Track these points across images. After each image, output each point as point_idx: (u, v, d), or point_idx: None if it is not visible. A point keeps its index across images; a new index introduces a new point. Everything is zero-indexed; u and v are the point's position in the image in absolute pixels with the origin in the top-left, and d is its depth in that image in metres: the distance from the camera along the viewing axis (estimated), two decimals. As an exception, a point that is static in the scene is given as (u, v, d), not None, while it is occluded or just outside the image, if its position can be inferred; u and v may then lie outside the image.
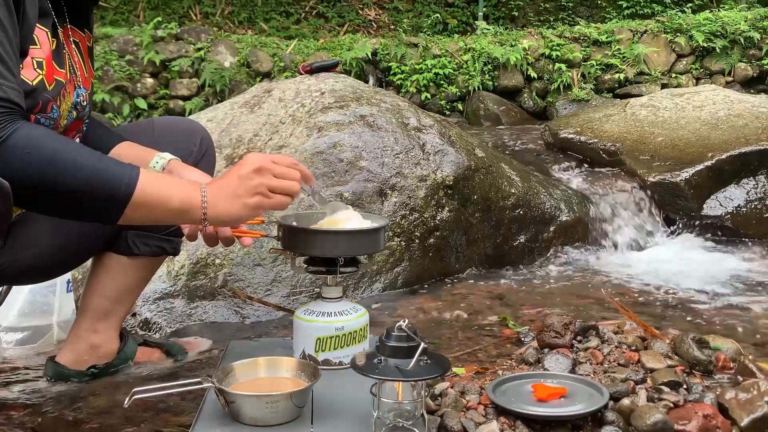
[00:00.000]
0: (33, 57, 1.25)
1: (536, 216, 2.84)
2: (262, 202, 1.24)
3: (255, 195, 1.23)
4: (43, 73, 1.27)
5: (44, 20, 1.29)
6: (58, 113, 1.33)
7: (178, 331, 2.07)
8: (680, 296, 2.38)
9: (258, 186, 1.23)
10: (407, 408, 1.16)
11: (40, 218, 1.48)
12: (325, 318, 1.45)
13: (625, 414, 1.27)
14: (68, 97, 1.37)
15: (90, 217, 1.20)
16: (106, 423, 1.45)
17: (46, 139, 1.10)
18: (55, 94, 1.31)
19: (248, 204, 1.23)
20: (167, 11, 7.62)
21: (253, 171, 1.23)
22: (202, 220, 1.21)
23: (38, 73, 1.26)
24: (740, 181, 3.15)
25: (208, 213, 1.21)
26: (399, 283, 2.43)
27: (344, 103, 2.76)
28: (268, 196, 1.24)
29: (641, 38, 6.85)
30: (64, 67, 1.35)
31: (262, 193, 1.23)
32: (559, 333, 1.56)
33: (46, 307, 2.00)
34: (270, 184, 1.24)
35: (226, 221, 1.25)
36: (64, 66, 1.35)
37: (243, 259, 2.26)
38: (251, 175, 1.23)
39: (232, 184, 1.23)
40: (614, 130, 3.53)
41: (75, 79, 1.41)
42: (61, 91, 1.33)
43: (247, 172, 1.23)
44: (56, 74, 1.31)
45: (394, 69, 6.36)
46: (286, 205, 1.27)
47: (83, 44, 1.47)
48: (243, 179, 1.23)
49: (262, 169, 1.24)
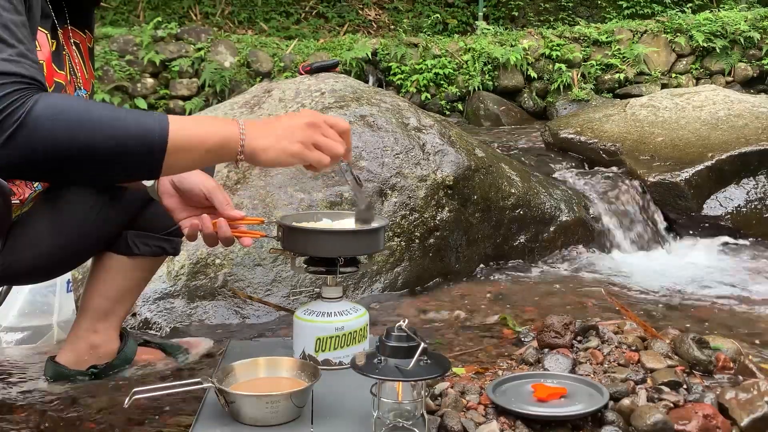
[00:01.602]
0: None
1: (536, 216, 2.84)
2: (302, 152, 1.22)
3: (298, 143, 1.21)
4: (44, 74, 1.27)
5: (44, 22, 1.29)
6: None
7: (178, 331, 2.07)
8: (680, 296, 2.38)
9: (306, 137, 1.22)
10: (407, 408, 1.16)
11: (40, 218, 1.48)
12: (325, 318, 1.45)
13: (625, 414, 1.27)
14: None
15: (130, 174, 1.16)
16: (106, 423, 1.45)
17: (70, 102, 1.08)
18: None
19: (289, 149, 1.21)
20: (167, 11, 7.62)
21: (306, 123, 1.23)
22: (239, 153, 1.18)
23: None
24: (740, 181, 3.15)
25: (246, 147, 1.18)
26: (399, 284, 2.43)
27: (344, 103, 2.76)
28: (311, 149, 1.23)
29: (641, 38, 6.85)
30: (63, 69, 1.35)
31: (306, 144, 1.22)
32: (559, 333, 1.56)
33: (46, 307, 2.00)
34: (317, 139, 1.23)
35: (262, 159, 1.21)
36: (63, 68, 1.35)
37: (243, 259, 2.26)
38: (302, 125, 1.22)
39: (277, 126, 1.22)
40: (614, 130, 3.53)
41: (75, 81, 1.40)
42: (61, 92, 1.33)
43: (298, 122, 1.22)
44: (56, 76, 1.31)
45: (394, 69, 6.36)
46: (324, 164, 1.25)
47: (84, 45, 1.47)
48: (292, 126, 1.22)
49: (314, 124, 1.23)
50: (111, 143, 1.07)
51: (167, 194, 1.42)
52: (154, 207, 1.58)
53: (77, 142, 1.05)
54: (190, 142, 1.13)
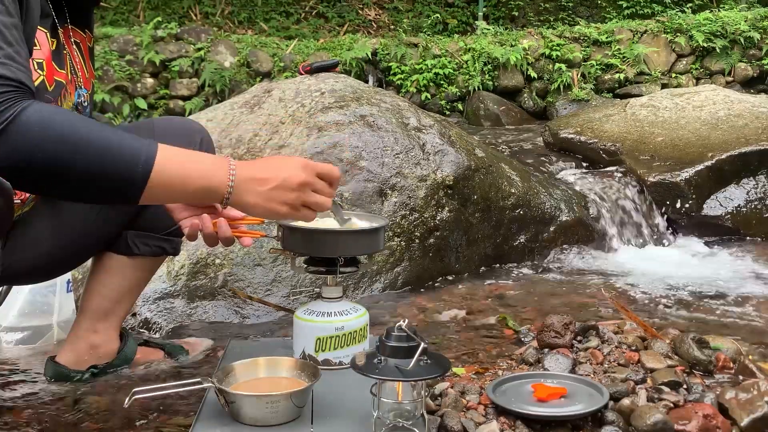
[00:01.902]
0: (33, 58, 1.25)
1: (536, 216, 2.84)
2: (290, 214, 1.23)
3: (286, 206, 1.21)
4: (44, 74, 1.27)
5: (44, 21, 1.29)
6: None
7: (178, 331, 2.07)
8: (680, 296, 2.38)
9: (295, 199, 1.21)
10: (407, 408, 1.16)
11: (41, 218, 1.48)
12: (325, 318, 1.45)
13: (625, 414, 1.27)
14: (69, 98, 1.37)
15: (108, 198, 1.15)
16: (106, 423, 1.45)
17: (58, 116, 1.06)
18: (56, 95, 1.31)
19: (276, 211, 1.21)
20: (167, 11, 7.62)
21: (298, 184, 1.21)
22: (224, 200, 1.18)
23: (39, 74, 1.26)
24: (740, 181, 3.15)
25: (232, 198, 1.17)
26: (399, 283, 2.43)
27: (344, 103, 2.76)
28: (298, 210, 1.23)
29: (641, 38, 6.85)
30: (64, 68, 1.35)
31: (294, 207, 1.22)
32: (559, 333, 1.56)
33: (46, 307, 2.00)
34: (306, 200, 1.23)
35: (247, 212, 1.23)
36: (64, 66, 1.35)
37: (243, 259, 2.26)
38: (294, 186, 1.21)
39: (270, 181, 1.20)
40: (614, 130, 3.53)
41: (76, 80, 1.40)
42: (61, 91, 1.33)
43: (290, 182, 1.20)
44: (56, 75, 1.31)
45: (394, 69, 6.36)
46: (310, 220, 1.26)
47: (84, 45, 1.47)
48: (283, 185, 1.20)
49: (305, 184, 1.22)
50: (93, 165, 1.06)
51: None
52: (154, 207, 1.58)
53: (60, 157, 1.03)
54: (172, 181, 1.12)
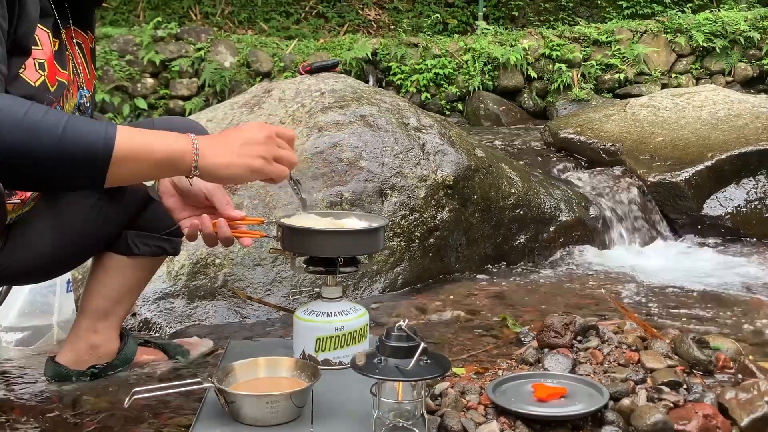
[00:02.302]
0: (35, 58, 1.25)
1: (536, 216, 2.84)
2: (264, 167, 1.22)
3: (260, 158, 1.21)
4: (45, 74, 1.27)
5: (45, 21, 1.29)
6: None
7: (178, 331, 2.07)
8: (680, 296, 2.38)
9: (266, 151, 1.22)
10: (407, 408, 1.16)
11: (41, 218, 1.48)
12: (325, 318, 1.45)
13: (625, 414, 1.27)
14: (71, 99, 1.36)
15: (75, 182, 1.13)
16: (106, 423, 1.45)
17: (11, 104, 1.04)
18: (58, 96, 1.31)
19: (251, 165, 1.21)
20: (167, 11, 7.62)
21: (265, 137, 1.22)
22: (192, 168, 1.16)
23: (40, 74, 1.26)
24: (740, 181, 3.15)
25: (201, 162, 1.16)
26: (399, 283, 2.43)
27: (344, 103, 2.76)
28: (271, 163, 1.23)
29: (641, 38, 6.85)
30: (66, 68, 1.34)
31: (267, 159, 1.22)
32: (559, 333, 1.56)
33: (46, 307, 2.00)
34: (276, 152, 1.24)
35: (219, 175, 1.20)
36: (66, 67, 1.35)
37: (243, 259, 2.26)
38: (262, 140, 1.22)
39: (234, 141, 1.21)
40: (614, 130, 3.53)
41: (78, 80, 1.40)
42: (63, 92, 1.32)
43: (256, 137, 1.22)
44: (59, 75, 1.31)
45: (394, 69, 6.36)
46: (284, 176, 1.26)
47: (86, 45, 1.47)
48: (250, 141, 1.21)
49: (271, 138, 1.24)
50: (53, 149, 1.05)
51: (167, 194, 1.42)
52: (154, 207, 1.58)
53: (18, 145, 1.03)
54: (137, 153, 1.11)
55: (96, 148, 1.07)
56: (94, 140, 1.07)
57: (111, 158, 1.08)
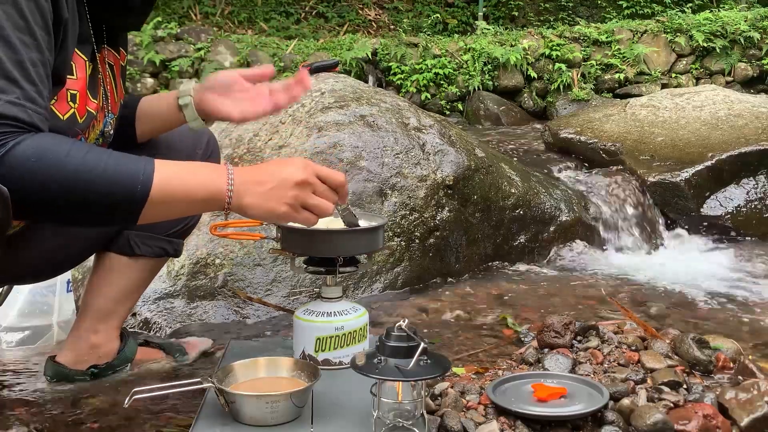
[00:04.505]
0: (68, 89, 1.21)
1: (536, 216, 2.84)
2: (289, 214, 1.20)
3: (285, 205, 1.19)
4: (76, 106, 1.23)
5: (84, 47, 1.25)
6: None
7: (178, 331, 2.07)
8: (680, 296, 2.38)
9: (294, 198, 1.19)
10: (407, 408, 1.16)
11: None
12: (325, 318, 1.45)
13: (625, 414, 1.27)
14: (97, 126, 1.34)
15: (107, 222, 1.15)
16: (106, 423, 1.45)
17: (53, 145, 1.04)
18: (85, 126, 1.28)
19: (276, 211, 1.19)
20: (167, 11, 7.62)
21: (296, 183, 1.19)
22: (226, 206, 1.16)
23: (71, 106, 1.23)
24: (740, 181, 3.15)
25: (233, 202, 1.16)
26: (399, 283, 2.43)
27: (344, 103, 2.76)
28: (298, 211, 1.20)
29: (641, 38, 6.85)
30: (97, 97, 1.31)
31: (294, 207, 1.20)
32: (559, 333, 1.56)
33: (46, 307, 2.00)
34: (306, 201, 1.20)
35: (248, 215, 1.20)
36: (97, 95, 1.31)
37: (243, 259, 2.26)
38: (292, 184, 1.19)
39: (268, 182, 1.18)
40: (614, 130, 3.53)
41: (106, 106, 1.37)
42: (91, 122, 1.30)
43: (288, 180, 1.19)
44: (89, 105, 1.28)
45: (394, 69, 6.36)
46: (311, 224, 1.23)
47: (117, 66, 1.44)
48: (281, 185, 1.18)
49: (305, 183, 1.20)
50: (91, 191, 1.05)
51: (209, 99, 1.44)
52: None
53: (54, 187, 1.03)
54: (174, 196, 1.11)
55: (134, 191, 1.08)
56: (132, 183, 1.08)
57: (147, 201, 1.09)
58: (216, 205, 1.17)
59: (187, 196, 1.13)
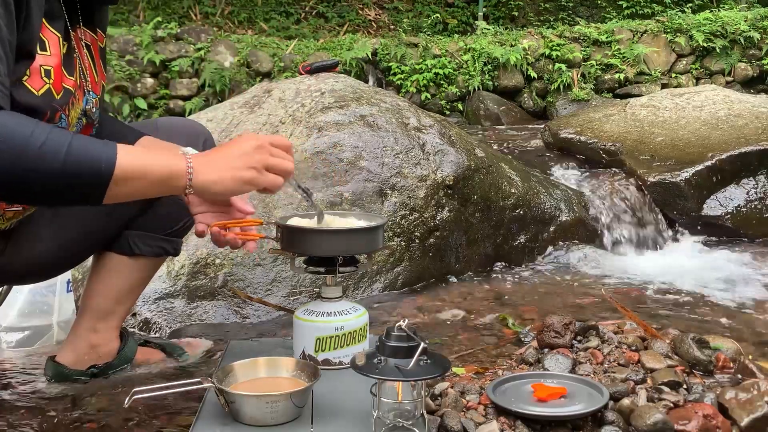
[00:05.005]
0: (42, 65, 1.22)
1: (536, 216, 2.84)
2: (256, 178, 1.23)
3: (250, 169, 1.22)
4: (51, 81, 1.24)
5: (56, 23, 1.26)
6: (66, 122, 1.30)
7: (178, 331, 2.07)
8: (680, 296, 2.38)
9: (258, 161, 1.23)
10: (407, 408, 1.16)
11: (41, 216, 1.48)
12: (325, 318, 1.45)
13: (625, 414, 1.27)
14: (77, 104, 1.34)
15: (73, 201, 1.17)
16: (106, 423, 1.45)
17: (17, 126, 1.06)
18: (64, 103, 1.28)
19: (242, 177, 1.22)
20: (167, 11, 7.61)
21: (254, 148, 1.23)
22: (187, 186, 1.19)
23: (45, 82, 1.23)
24: (740, 181, 3.15)
25: (194, 180, 1.19)
26: (399, 283, 2.43)
27: (344, 103, 2.76)
28: (262, 173, 1.23)
29: (641, 38, 6.85)
30: (73, 74, 1.32)
31: (257, 169, 1.23)
32: (559, 333, 1.56)
33: (46, 307, 2.00)
34: (267, 161, 1.24)
35: (213, 190, 1.22)
36: (74, 73, 1.32)
37: (243, 259, 2.26)
38: (251, 150, 1.23)
39: (226, 155, 1.23)
40: (614, 130, 3.53)
41: (85, 85, 1.37)
42: (69, 99, 1.30)
43: (246, 148, 1.23)
44: (65, 82, 1.28)
45: (394, 69, 6.36)
46: (279, 185, 1.26)
47: (95, 46, 1.43)
48: (240, 153, 1.23)
49: (262, 147, 1.24)
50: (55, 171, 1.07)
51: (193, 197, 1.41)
52: (156, 207, 1.58)
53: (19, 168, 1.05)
54: (135, 173, 1.14)
55: (98, 170, 1.10)
56: (97, 162, 1.11)
57: (111, 179, 1.11)
58: (178, 182, 1.19)
59: (149, 173, 1.16)
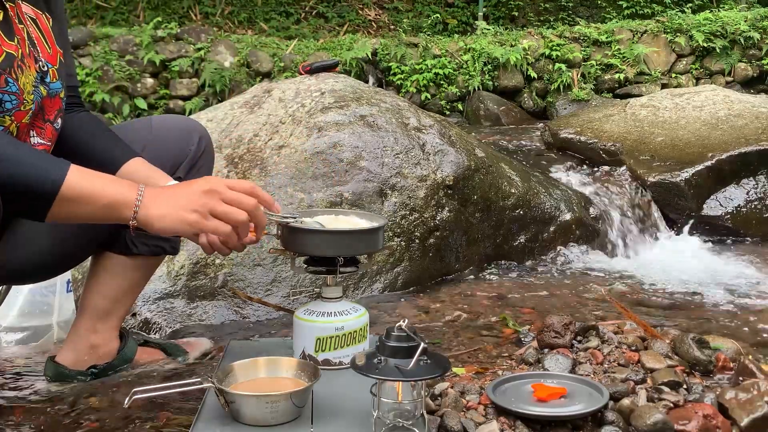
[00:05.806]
0: None
1: (536, 216, 2.84)
2: (198, 222, 1.21)
3: (194, 212, 1.20)
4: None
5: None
6: (17, 87, 1.29)
7: (178, 331, 2.07)
8: (680, 296, 2.38)
9: (202, 205, 1.21)
10: (407, 408, 1.16)
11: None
12: (325, 318, 1.45)
13: (625, 414, 1.27)
14: (28, 71, 1.33)
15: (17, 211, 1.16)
16: (106, 423, 1.45)
17: None
18: (7, 66, 1.27)
19: (184, 218, 1.20)
20: (167, 11, 7.61)
21: (203, 191, 1.21)
22: (132, 218, 1.18)
23: None
24: (740, 181, 3.15)
25: (139, 213, 1.18)
26: (399, 284, 2.43)
27: (344, 103, 2.76)
28: (207, 218, 1.21)
29: (641, 38, 6.85)
30: (14, 39, 1.31)
31: (202, 213, 1.21)
32: (559, 333, 1.56)
33: (46, 307, 2.00)
34: (214, 208, 1.21)
35: (156, 227, 1.20)
36: (14, 38, 1.31)
37: (243, 259, 2.26)
38: (199, 193, 1.21)
39: (176, 194, 1.22)
40: (614, 130, 3.53)
41: (34, 52, 1.36)
42: (14, 63, 1.29)
43: (195, 190, 1.21)
44: (5, 46, 1.28)
45: (394, 69, 6.36)
46: (224, 233, 1.23)
47: (42, 22, 1.43)
48: (189, 194, 1.21)
49: (212, 191, 1.22)
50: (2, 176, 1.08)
51: None
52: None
53: None
54: (82, 195, 1.14)
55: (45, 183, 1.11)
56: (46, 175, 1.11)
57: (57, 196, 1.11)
58: (123, 211, 1.18)
59: (97, 199, 1.16)
